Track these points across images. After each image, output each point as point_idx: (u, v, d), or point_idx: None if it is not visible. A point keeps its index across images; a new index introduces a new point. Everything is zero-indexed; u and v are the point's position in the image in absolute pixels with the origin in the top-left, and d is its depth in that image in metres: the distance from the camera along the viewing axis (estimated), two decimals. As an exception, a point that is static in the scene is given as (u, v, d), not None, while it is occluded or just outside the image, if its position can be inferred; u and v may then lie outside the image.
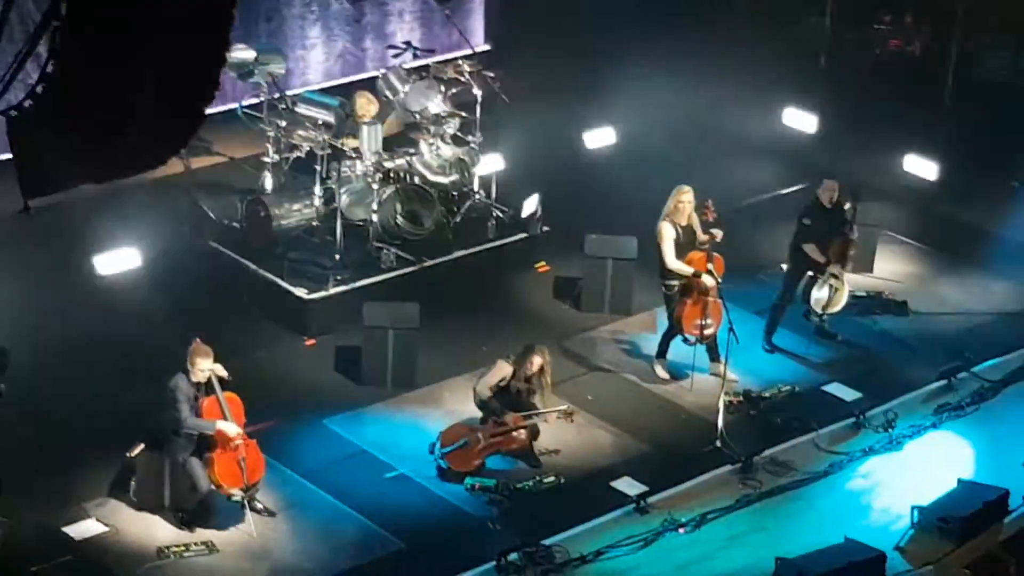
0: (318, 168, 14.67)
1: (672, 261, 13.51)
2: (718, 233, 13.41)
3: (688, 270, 13.47)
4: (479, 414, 12.66)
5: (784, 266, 14.51)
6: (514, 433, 12.48)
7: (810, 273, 14.12)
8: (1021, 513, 11.89)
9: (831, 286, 14.08)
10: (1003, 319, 14.92)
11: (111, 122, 4.93)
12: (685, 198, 13.54)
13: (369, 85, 15.83)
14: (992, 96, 17.05)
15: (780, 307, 14.22)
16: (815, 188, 14.26)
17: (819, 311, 14.17)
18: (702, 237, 13.57)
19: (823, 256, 14.03)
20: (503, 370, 12.60)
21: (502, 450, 12.48)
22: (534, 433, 12.58)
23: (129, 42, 4.77)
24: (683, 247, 13.55)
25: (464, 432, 12.47)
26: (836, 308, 14.22)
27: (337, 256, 14.45)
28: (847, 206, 14.20)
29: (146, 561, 11.40)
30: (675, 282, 13.58)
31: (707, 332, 13.56)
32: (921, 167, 16.72)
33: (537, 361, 12.55)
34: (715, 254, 13.47)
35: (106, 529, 11.70)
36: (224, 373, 11.72)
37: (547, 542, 11.48)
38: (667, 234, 13.51)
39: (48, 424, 12.64)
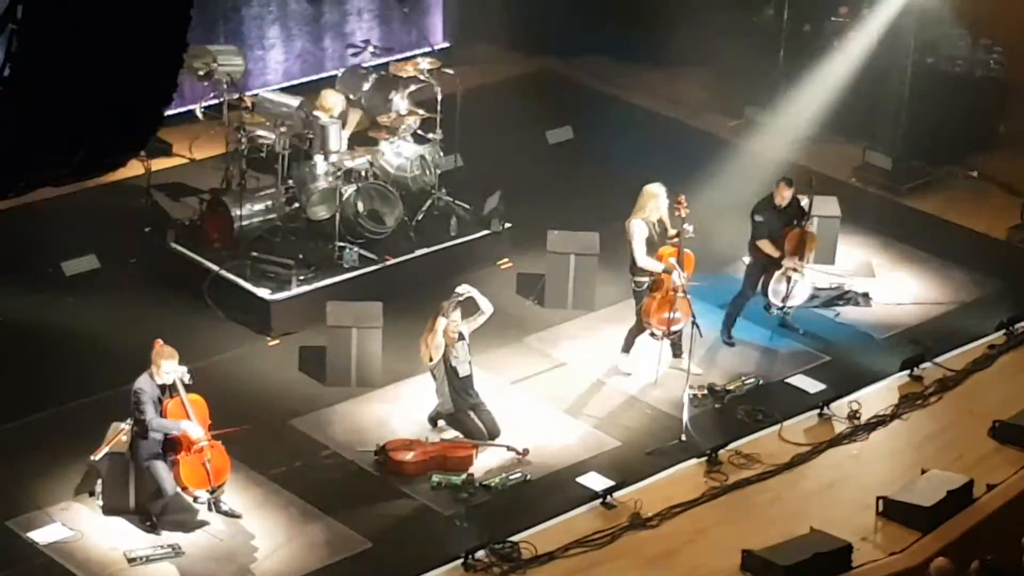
0: (279, 168, 14.63)
1: (642, 258, 13.50)
2: (689, 229, 13.40)
3: (659, 267, 13.46)
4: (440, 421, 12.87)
5: (746, 259, 14.54)
6: (461, 453, 12.52)
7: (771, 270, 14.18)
8: (984, 501, 11.94)
9: (789, 278, 14.13)
10: (964, 308, 14.98)
11: (68, 125, 4.91)
12: (656, 196, 13.54)
13: (329, 85, 15.80)
14: (949, 87, 17.11)
15: (740, 301, 14.25)
16: (772, 185, 14.27)
17: (779, 303, 14.22)
18: (672, 231, 13.57)
19: (777, 250, 14.07)
20: (438, 323, 12.64)
21: (447, 462, 12.46)
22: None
23: (86, 44, 4.76)
24: (656, 243, 13.55)
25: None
26: (798, 301, 14.27)
27: (300, 256, 14.42)
28: (804, 200, 14.24)
29: (112, 565, 11.36)
30: (645, 278, 13.58)
31: (674, 327, 13.57)
32: (880, 158, 16.78)
33: (451, 317, 12.65)
34: (686, 251, 13.48)
35: (71, 534, 11.63)
36: (187, 378, 11.67)
37: (514, 538, 11.48)
38: (637, 231, 13.48)
39: (10, 429, 12.58)
